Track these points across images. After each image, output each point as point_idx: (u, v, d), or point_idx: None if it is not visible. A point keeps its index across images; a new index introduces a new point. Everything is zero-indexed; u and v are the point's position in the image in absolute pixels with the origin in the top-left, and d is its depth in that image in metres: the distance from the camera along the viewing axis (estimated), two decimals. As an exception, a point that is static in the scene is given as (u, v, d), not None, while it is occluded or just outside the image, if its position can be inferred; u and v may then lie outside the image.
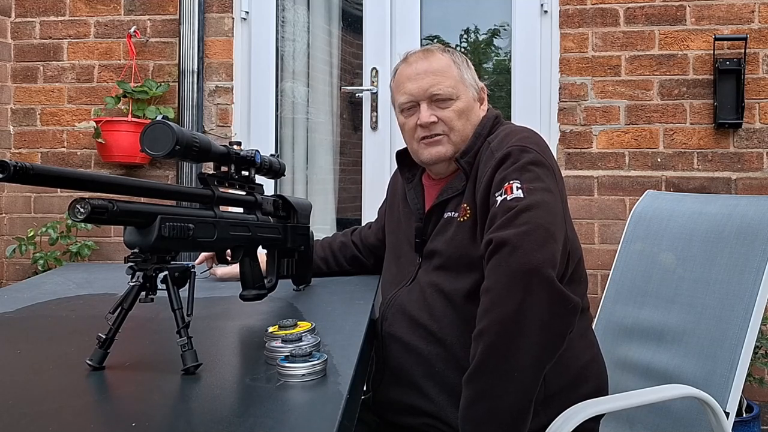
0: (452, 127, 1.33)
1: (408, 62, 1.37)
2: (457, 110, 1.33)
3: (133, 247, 0.90)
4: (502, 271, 1.06)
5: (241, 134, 2.94)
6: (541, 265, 1.04)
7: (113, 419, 0.76)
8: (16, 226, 2.97)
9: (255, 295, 1.23)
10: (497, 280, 1.07)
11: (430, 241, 1.34)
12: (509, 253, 1.06)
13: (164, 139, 0.92)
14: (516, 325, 1.04)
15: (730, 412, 1.25)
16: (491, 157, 1.23)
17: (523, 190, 1.13)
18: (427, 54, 1.36)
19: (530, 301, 1.03)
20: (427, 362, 1.27)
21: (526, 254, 1.05)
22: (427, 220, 1.36)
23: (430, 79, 1.32)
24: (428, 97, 1.33)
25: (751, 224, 1.37)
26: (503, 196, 1.14)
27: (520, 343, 1.04)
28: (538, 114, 2.81)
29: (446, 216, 1.32)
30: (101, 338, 0.89)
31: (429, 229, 1.36)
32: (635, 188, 2.70)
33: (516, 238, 1.06)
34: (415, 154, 1.40)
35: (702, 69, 2.69)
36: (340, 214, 3.18)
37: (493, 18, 3.03)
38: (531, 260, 1.04)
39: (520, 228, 1.07)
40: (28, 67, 2.99)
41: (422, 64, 1.35)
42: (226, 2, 2.92)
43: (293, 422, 0.74)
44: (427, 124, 1.32)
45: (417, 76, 1.34)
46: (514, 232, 1.07)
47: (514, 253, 1.05)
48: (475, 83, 1.38)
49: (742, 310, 1.31)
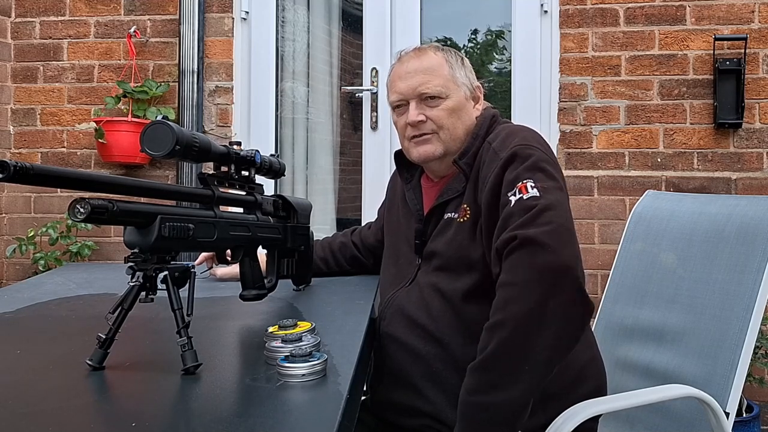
0: (441, 125, 1.33)
1: (401, 61, 1.38)
2: (447, 109, 1.33)
3: (133, 247, 0.90)
4: (528, 267, 1.05)
5: (241, 134, 2.94)
6: (571, 265, 1.05)
7: (113, 419, 0.76)
8: (16, 226, 2.97)
9: (255, 295, 1.23)
10: (521, 275, 1.06)
11: (430, 242, 1.34)
12: (536, 251, 1.05)
13: (164, 139, 0.92)
14: (536, 321, 1.04)
15: (730, 412, 1.25)
16: (495, 157, 1.23)
17: (538, 189, 1.13)
18: (419, 53, 1.36)
19: (555, 300, 1.03)
20: (425, 362, 1.27)
21: (555, 253, 1.04)
22: (427, 221, 1.36)
23: (420, 78, 1.33)
24: (417, 96, 1.33)
25: (751, 224, 1.37)
26: (518, 196, 1.14)
27: (536, 340, 1.04)
28: (538, 114, 2.81)
29: (446, 217, 1.32)
30: (101, 338, 0.89)
31: (429, 230, 1.36)
32: (635, 188, 2.70)
33: (543, 237, 1.06)
34: (407, 152, 1.40)
35: (702, 69, 2.69)
36: (340, 214, 3.18)
37: (494, 18, 3.03)
38: (562, 259, 1.04)
39: (545, 227, 1.07)
40: (28, 67, 2.99)
41: (413, 63, 1.35)
42: (226, 2, 2.92)
43: (293, 422, 0.74)
44: (415, 123, 1.33)
45: (407, 75, 1.34)
46: (540, 230, 1.07)
47: (542, 251, 1.05)
48: (468, 82, 1.38)
49: (742, 310, 1.31)
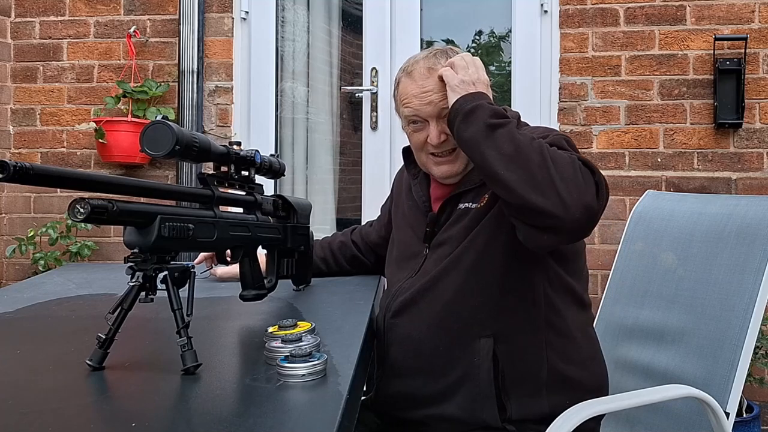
0: None
1: (412, 77, 1.32)
2: None
3: (133, 247, 0.90)
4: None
5: (240, 134, 2.94)
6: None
7: (113, 419, 0.76)
8: (16, 226, 2.97)
9: (255, 295, 1.23)
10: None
11: (442, 232, 1.34)
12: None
13: (164, 139, 0.92)
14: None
15: (730, 413, 1.25)
16: None
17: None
18: (432, 70, 1.31)
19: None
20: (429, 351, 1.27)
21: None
22: (441, 210, 1.36)
23: (437, 96, 1.29)
24: (437, 114, 1.30)
25: (751, 224, 1.37)
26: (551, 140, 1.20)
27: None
28: (538, 114, 2.81)
29: (462, 207, 1.32)
30: (101, 338, 0.89)
31: (442, 219, 1.36)
32: (635, 188, 2.70)
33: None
34: (424, 165, 1.39)
35: (702, 69, 2.68)
36: (340, 214, 3.18)
37: (494, 18, 3.03)
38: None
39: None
40: (27, 67, 2.99)
41: (429, 81, 1.30)
42: (226, 2, 2.92)
43: (293, 422, 0.74)
44: (438, 144, 1.31)
45: (424, 94, 1.30)
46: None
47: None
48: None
49: (742, 310, 1.31)
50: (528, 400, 1.23)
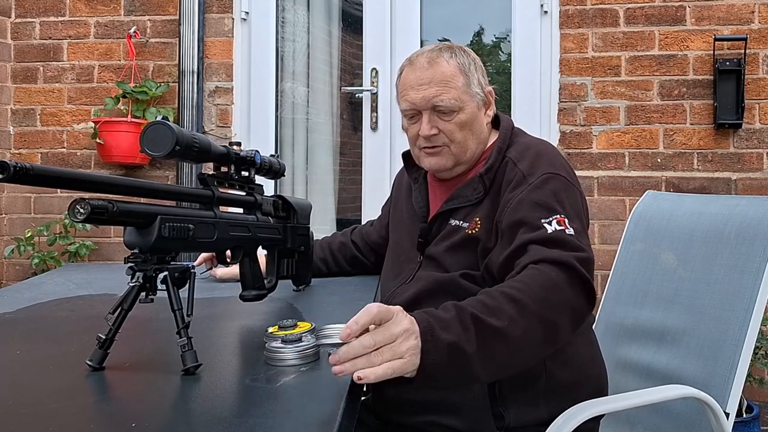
0: (453, 139, 1.32)
1: (413, 67, 1.33)
2: (460, 123, 1.32)
3: (133, 248, 0.90)
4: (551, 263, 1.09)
5: (241, 135, 2.94)
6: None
7: (113, 419, 0.76)
8: (16, 226, 2.97)
9: (255, 295, 1.23)
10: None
11: (433, 245, 1.34)
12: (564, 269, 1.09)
13: (164, 139, 0.92)
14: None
15: (730, 413, 1.25)
16: (522, 180, 1.23)
17: (574, 230, 1.15)
18: (433, 62, 1.31)
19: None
20: None
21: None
22: (432, 222, 1.36)
23: (434, 90, 1.29)
24: (430, 108, 1.30)
25: (751, 224, 1.37)
26: (554, 227, 1.15)
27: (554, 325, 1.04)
28: (538, 114, 2.81)
29: (453, 224, 1.32)
30: (101, 338, 0.89)
31: (433, 231, 1.36)
32: (635, 188, 2.70)
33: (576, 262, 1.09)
34: (417, 159, 1.40)
35: (702, 69, 2.69)
36: (340, 214, 3.18)
37: (493, 18, 3.03)
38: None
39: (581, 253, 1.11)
40: (28, 67, 2.99)
41: (427, 72, 1.31)
42: (226, 2, 2.92)
43: (293, 422, 0.74)
44: (427, 137, 1.32)
45: (420, 86, 1.31)
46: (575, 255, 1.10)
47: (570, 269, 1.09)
48: (481, 89, 1.35)
49: (742, 310, 1.31)
50: (526, 408, 1.22)
